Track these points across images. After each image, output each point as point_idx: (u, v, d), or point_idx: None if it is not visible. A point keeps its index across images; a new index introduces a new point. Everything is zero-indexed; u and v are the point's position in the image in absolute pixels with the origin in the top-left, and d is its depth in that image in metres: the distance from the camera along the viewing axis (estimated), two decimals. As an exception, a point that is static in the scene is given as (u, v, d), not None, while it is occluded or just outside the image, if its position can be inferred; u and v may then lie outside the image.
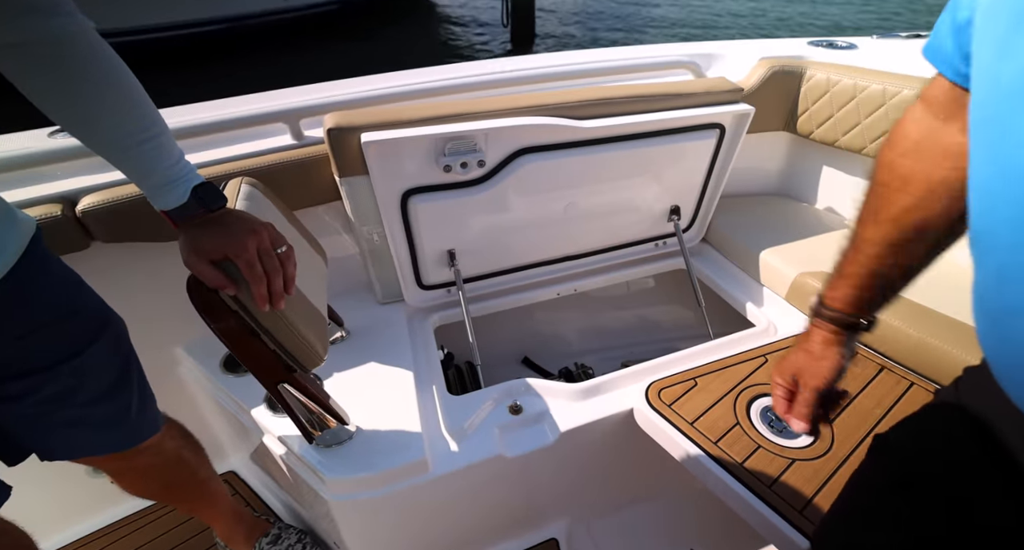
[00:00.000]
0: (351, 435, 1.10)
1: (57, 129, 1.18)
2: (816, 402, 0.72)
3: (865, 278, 0.67)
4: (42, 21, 0.59)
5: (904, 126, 0.63)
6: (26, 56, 0.61)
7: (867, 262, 0.67)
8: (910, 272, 0.66)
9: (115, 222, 1.08)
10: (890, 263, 0.65)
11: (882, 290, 0.68)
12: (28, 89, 0.63)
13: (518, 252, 1.50)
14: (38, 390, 0.78)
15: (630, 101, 1.32)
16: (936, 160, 0.60)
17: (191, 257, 0.74)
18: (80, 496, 1.45)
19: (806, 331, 0.74)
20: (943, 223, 0.61)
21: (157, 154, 0.70)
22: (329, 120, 1.13)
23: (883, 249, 0.65)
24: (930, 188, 0.60)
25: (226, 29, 8.36)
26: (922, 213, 0.61)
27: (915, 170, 0.61)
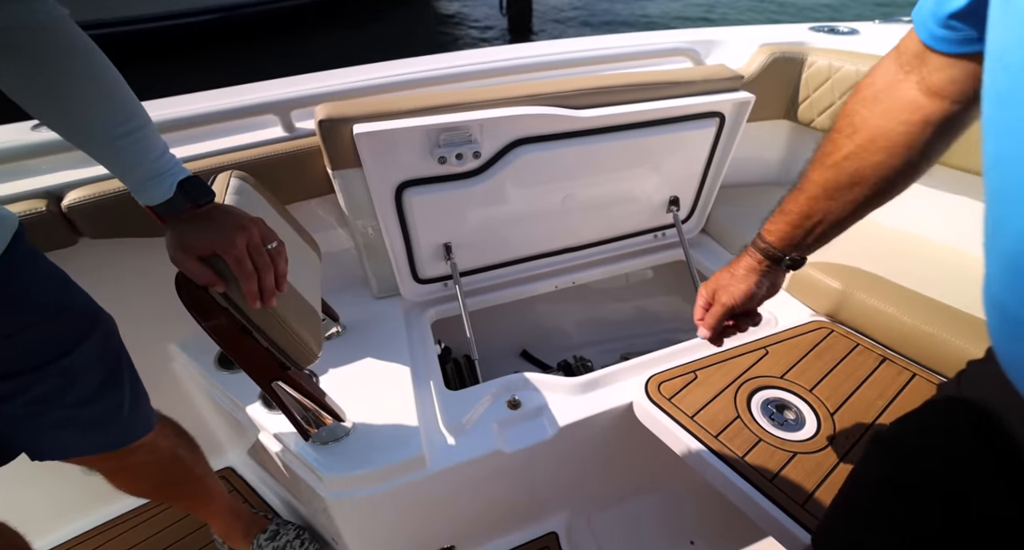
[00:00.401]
0: (347, 432, 1.08)
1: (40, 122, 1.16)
2: (723, 317, 0.81)
3: (799, 217, 0.71)
4: (12, 7, 0.57)
5: (872, 74, 0.65)
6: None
7: (805, 202, 0.70)
8: (840, 221, 0.69)
9: (102, 217, 1.06)
10: (823, 207, 0.69)
11: (812, 232, 0.72)
12: (2, 82, 0.61)
13: (515, 245, 1.48)
14: (27, 390, 0.76)
15: (628, 89, 1.29)
16: (887, 111, 0.61)
17: (178, 254, 0.71)
18: (74, 494, 1.44)
19: (739, 255, 0.81)
20: (873, 177, 0.64)
21: (140, 148, 0.68)
22: (320, 111, 1.10)
23: (820, 192, 0.68)
24: (872, 138, 0.62)
25: (219, 19, 8.24)
26: (858, 162, 0.64)
27: (866, 119, 0.63)
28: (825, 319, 1.35)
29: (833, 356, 1.24)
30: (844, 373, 1.20)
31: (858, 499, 0.69)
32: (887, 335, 1.23)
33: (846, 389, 1.16)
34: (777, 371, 1.21)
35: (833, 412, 1.11)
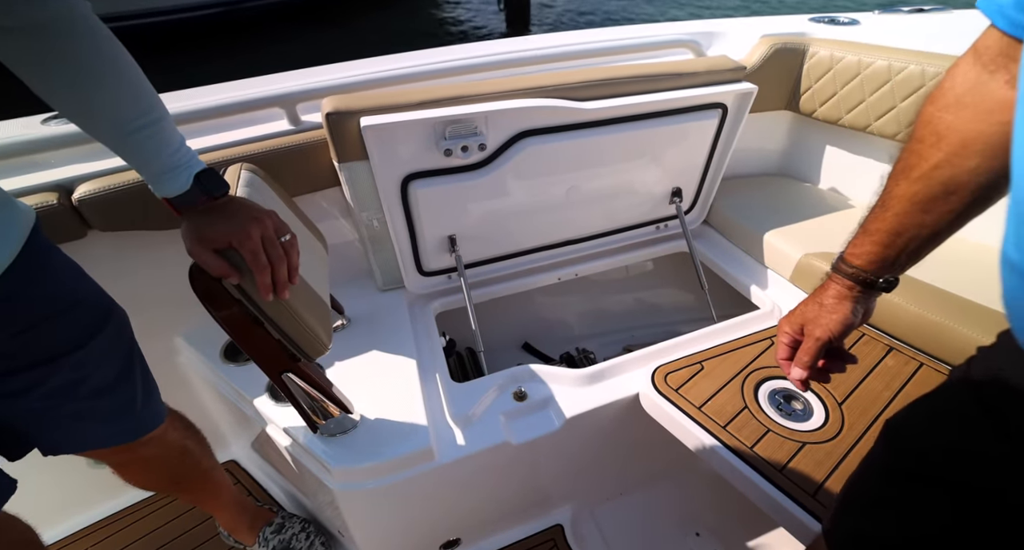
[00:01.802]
0: (355, 424, 1.07)
1: (52, 115, 1.14)
2: (819, 353, 0.71)
3: (889, 236, 0.65)
4: (39, 3, 0.55)
5: (950, 79, 0.60)
6: (22, 40, 0.57)
7: (893, 220, 0.64)
8: (936, 235, 0.63)
9: (112, 210, 1.04)
10: (916, 222, 0.63)
11: (905, 250, 0.65)
12: (24, 73, 0.60)
13: (519, 237, 1.47)
14: (42, 384, 0.75)
15: (632, 81, 1.28)
16: (977, 113, 0.56)
17: (195, 246, 0.70)
18: (80, 487, 1.43)
19: (823, 285, 0.73)
20: (972, 183, 0.58)
21: (158, 140, 0.67)
22: (327, 104, 1.09)
23: (910, 207, 0.62)
24: (964, 143, 0.57)
25: (223, 12, 8.19)
26: (951, 170, 0.58)
27: (952, 124, 0.58)
28: (829, 309, 1.34)
29: (838, 346, 1.23)
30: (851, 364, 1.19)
31: (866, 488, 0.68)
32: (893, 325, 1.23)
33: (853, 379, 1.15)
34: (782, 361, 1.20)
35: (841, 402, 1.10)
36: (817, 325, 0.71)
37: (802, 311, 0.73)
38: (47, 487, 1.35)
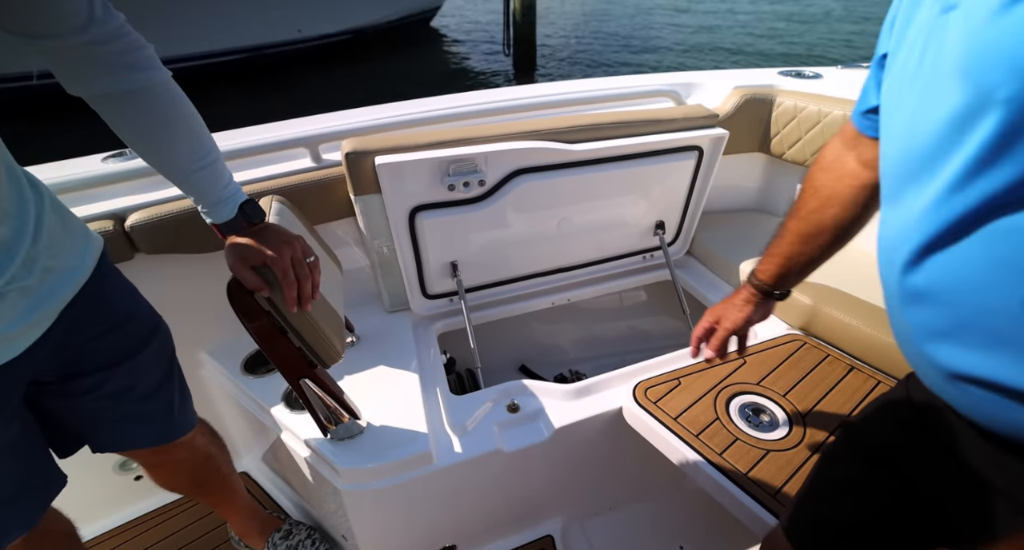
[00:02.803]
0: (362, 430, 1.17)
1: (110, 155, 1.28)
2: (725, 339, 0.98)
3: (783, 259, 0.88)
4: (135, 75, 0.69)
5: (826, 148, 0.83)
6: (117, 103, 0.71)
7: (786, 247, 0.87)
8: (812, 261, 0.86)
9: (157, 236, 1.18)
10: (799, 251, 0.86)
11: (793, 270, 0.89)
12: (115, 126, 0.74)
13: (516, 264, 1.59)
14: (101, 387, 0.86)
15: (616, 126, 1.43)
16: (838, 177, 0.79)
17: (236, 263, 0.82)
18: (99, 494, 1.51)
19: (737, 289, 0.98)
20: (832, 226, 0.81)
21: (213, 178, 0.80)
22: (347, 145, 1.23)
23: (795, 239, 0.86)
24: (828, 197, 0.80)
25: (246, 58, 8.65)
26: (820, 215, 0.82)
27: (823, 182, 0.81)
28: (799, 332, 1.45)
29: (805, 365, 1.33)
30: (815, 381, 1.28)
31: (825, 477, 0.78)
32: (854, 346, 1.33)
33: (816, 395, 1.24)
34: (754, 378, 1.29)
35: (804, 415, 1.19)
36: (727, 319, 0.97)
37: (720, 307, 0.99)
38: (71, 491, 1.43)
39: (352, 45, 10.38)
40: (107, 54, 0.67)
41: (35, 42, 0.63)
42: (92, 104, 0.71)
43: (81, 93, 0.70)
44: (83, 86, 0.69)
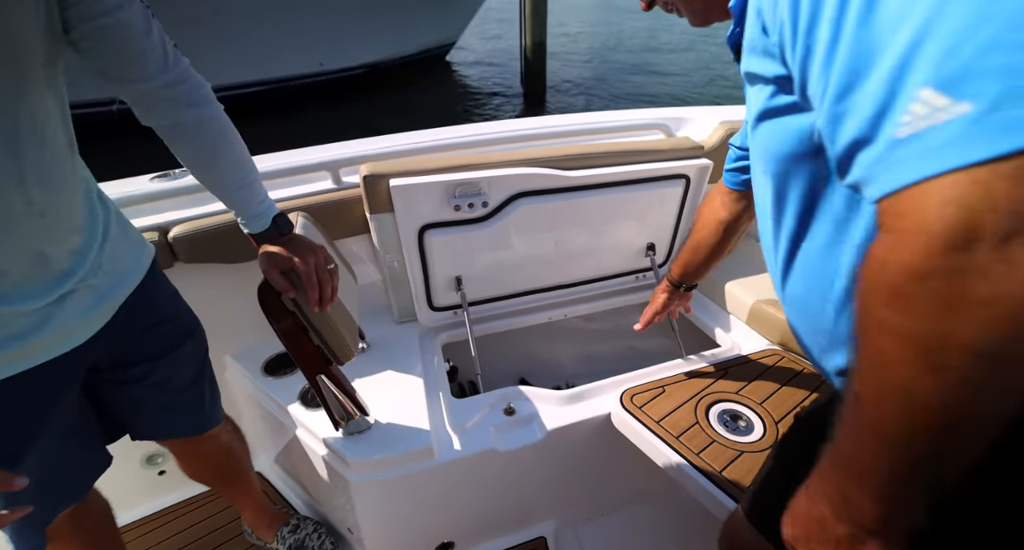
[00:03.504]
0: (370, 425, 1.27)
1: (157, 175, 1.43)
2: (651, 316, 1.43)
3: (683, 263, 1.33)
4: (192, 110, 0.83)
5: (712, 188, 1.25)
6: (179, 132, 0.85)
7: (683, 255, 1.32)
8: (700, 266, 1.30)
9: (195, 247, 1.31)
10: (689, 259, 1.30)
11: (688, 271, 1.33)
12: (176, 150, 0.87)
13: (515, 280, 1.70)
14: (146, 377, 0.98)
15: (610, 155, 1.55)
16: (711, 210, 1.22)
17: (268, 267, 0.94)
18: (126, 486, 1.60)
19: (661, 282, 1.41)
20: (706, 243, 1.25)
21: (252, 195, 0.93)
22: (364, 168, 1.36)
23: (688, 249, 1.30)
24: (704, 223, 1.24)
25: (270, 90, 9.06)
26: (699, 235, 1.26)
27: (703, 212, 1.25)
28: (778, 347, 1.53)
29: (782, 377, 1.41)
30: (791, 391, 1.37)
31: (775, 466, 0.86)
32: None
33: (791, 403, 1.33)
34: (733, 388, 1.38)
35: (778, 421, 1.27)
36: (653, 302, 1.43)
37: (652, 296, 1.44)
38: (102, 480, 1.53)
39: (371, 78, 10.80)
40: (175, 93, 0.81)
41: (123, 85, 0.78)
42: (159, 132, 0.85)
43: (152, 124, 0.83)
44: (154, 119, 0.83)
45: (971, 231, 0.33)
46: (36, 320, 0.75)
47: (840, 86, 0.40)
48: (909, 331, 0.37)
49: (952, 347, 0.35)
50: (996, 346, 0.34)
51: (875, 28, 0.37)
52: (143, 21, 0.75)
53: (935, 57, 0.34)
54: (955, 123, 0.33)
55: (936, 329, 0.35)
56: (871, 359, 0.40)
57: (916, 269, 0.35)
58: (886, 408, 0.40)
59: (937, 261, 0.34)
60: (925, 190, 0.35)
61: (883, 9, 0.36)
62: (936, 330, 0.35)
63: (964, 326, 0.34)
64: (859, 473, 0.44)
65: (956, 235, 0.33)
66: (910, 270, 0.36)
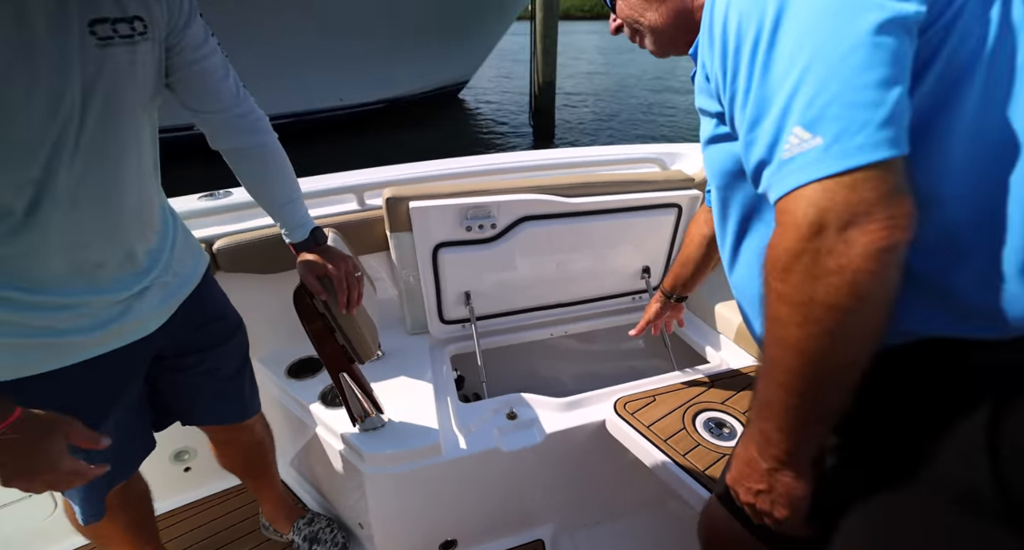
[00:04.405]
0: (384, 423, 1.37)
1: (204, 195, 1.59)
2: (645, 324, 1.57)
3: (672, 275, 1.46)
4: (254, 137, 0.99)
5: (697, 211, 1.39)
6: (240, 156, 1.00)
7: (677, 267, 1.44)
8: (688, 279, 1.43)
9: (234, 258, 1.45)
10: (680, 271, 1.44)
11: (678, 283, 1.45)
12: (237, 170, 1.03)
13: (520, 297, 1.82)
14: (199, 365, 1.10)
15: (608, 185, 1.70)
16: (696, 226, 1.36)
17: (305, 272, 1.08)
18: (154, 480, 1.70)
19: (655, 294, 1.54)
20: (692, 257, 1.38)
21: (296, 210, 1.08)
22: (387, 191, 1.51)
23: (678, 263, 1.43)
24: (691, 237, 1.37)
25: (292, 122, 9.47)
26: (686, 250, 1.39)
27: (690, 230, 1.38)
28: (763, 364, 1.63)
29: (765, 390, 1.50)
30: None
31: None
32: None
33: (772, 413, 1.42)
34: (719, 399, 1.48)
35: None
36: (647, 312, 1.57)
37: (647, 306, 1.58)
38: None
39: (388, 112, 11.25)
40: (242, 123, 0.96)
41: (202, 115, 0.93)
42: (225, 154, 1.00)
43: (220, 148, 0.99)
44: (223, 143, 0.98)
45: (822, 222, 0.48)
46: (120, 309, 0.88)
47: (750, 122, 0.55)
48: (790, 296, 0.51)
49: (816, 305, 0.50)
50: (844, 302, 0.49)
51: (769, 84, 0.53)
52: (223, 66, 0.91)
53: (802, 105, 0.49)
54: (813, 151, 0.49)
55: (806, 293, 0.50)
56: (771, 321, 0.55)
57: (792, 250, 0.50)
58: (782, 359, 0.54)
59: (804, 244, 0.50)
60: (796, 195, 0.50)
61: (773, 71, 0.52)
62: (806, 294, 0.50)
63: (822, 290, 0.49)
64: (771, 415, 0.58)
65: (813, 225, 0.49)
66: (789, 251, 0.51)
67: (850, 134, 0.47)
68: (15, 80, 0.66)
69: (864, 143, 0.47)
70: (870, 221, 0.47)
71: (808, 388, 0.54)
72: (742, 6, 0.55)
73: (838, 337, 0.51)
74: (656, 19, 0.80)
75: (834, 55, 0.48)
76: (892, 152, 0.48)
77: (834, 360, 0.52)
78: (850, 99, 0.47)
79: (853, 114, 0.47)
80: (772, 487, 0.62)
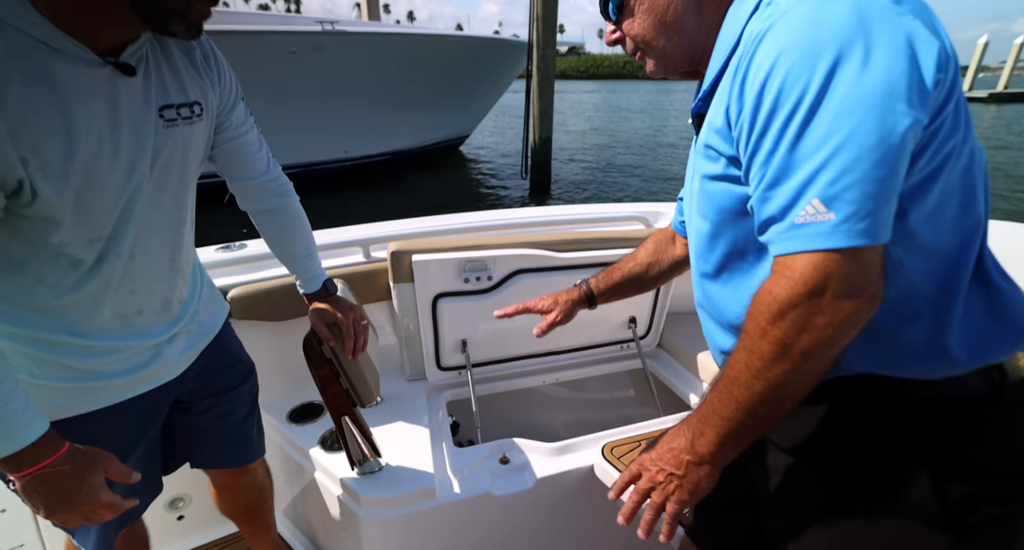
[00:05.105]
0: (382, 467, 1.43)
1: (220, 247, 1.71)
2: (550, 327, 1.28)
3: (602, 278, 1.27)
4: (280, 200, 1.12)
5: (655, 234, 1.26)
6: (266, 216, 1.12)
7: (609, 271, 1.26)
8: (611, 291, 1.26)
9: (246, 306, 1.55)
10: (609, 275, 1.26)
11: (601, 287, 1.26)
12: (262, 228, 1.15)
13: (513, 345, 1.91)
14: (213, 408, 1.17)
15: (596, 241, 1.83)
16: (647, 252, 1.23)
17: (316, 319, 1.17)
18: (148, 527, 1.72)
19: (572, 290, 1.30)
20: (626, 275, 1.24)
21: (311, 263, 1.19)
22: (393, 245, 1.64)
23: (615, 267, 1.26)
24: (636, 260, 1.24)
25: (299, 173, 9.78)
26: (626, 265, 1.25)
27: (640, 252, 1.24)
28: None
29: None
30: None
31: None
32: None
33: (753, 460, 1.48)
34: (702, 445, 1.54)
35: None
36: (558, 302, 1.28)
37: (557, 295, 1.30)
38: None
39: (390, 165, 11.66)
40: (271, 187, 1.09)
41: (235, 181, 1.06)
42: (252, 215, 1.12)
43: (249, 209, 1.11)
44: (252, 205, 1.11)
45: (824, 286, 0.59)
46: (152, 354, 0.97)
47: (770, 181, 0.63)
48: (776, 338, 0.62)
49: (795, 349, 0.61)
50: (817, 351, 0.61)
51: (797, 154, 0.60)
52: (258, 140, 1.05)
53: (825, 183, 0.58)
54: (826, 223, 0.58)
55: (790, 338, 0.61)
56: (747, 351, 0.65)
57: (789, 301, 0.61)
58: (748, 382, 0.65)
59: (801, 299, 0.60)
60: (803, 256, 0.60)
61: (804, 142, 0.59)
62: (790, 338, 0.61)
63: (805, 338, 0.61)
64: (717, 422, 0.69)
65: (815, 287, 0.59)
66: (785, 302, 0.61)
67: (858, 218, 0.57)
68: (103, 156, 0.78)
69: (866, 229, 0.57)
70: (861, 294, 0.59)
71: (759, 410, 0.65)
72: (788, 70, 0.59)
73: (803, 375, 0.63)
74: (668, 46, 0.80)
75: (863, 146, 0.56)
76: (884, 239, 0.59)
77: (789, 391, 0.64)
78: (865, 190, 0.57)
79: (864, 202, 0.57)
80: (686, 474, 0.73)
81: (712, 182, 0.76)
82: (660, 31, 0.79)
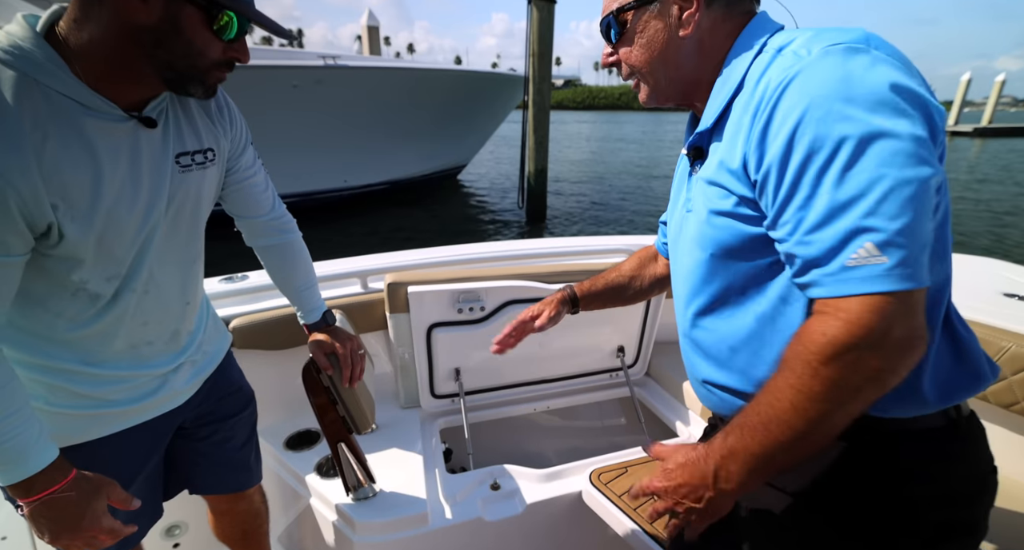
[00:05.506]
0: (376, 493, 1.47)
1: (223, 278, 1.78)
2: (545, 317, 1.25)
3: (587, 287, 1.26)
4: (283, 236, 1.20)
5: (638, 253, 1.28)
6: (271, 251, 1.20)
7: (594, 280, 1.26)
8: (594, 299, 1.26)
9: (247, 335, 1.61)
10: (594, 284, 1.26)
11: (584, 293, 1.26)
12: (266, 262, 1.22)
13: (505, 373, 1.97)
14: (214, 435, 1.22)
15: (584, 273, 1.91)
16: (632, 267, 1.25)
17: (315, 349, 1.24)
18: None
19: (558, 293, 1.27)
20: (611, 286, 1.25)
21: (312, 295, 1.26)
22: (390, 277, 1.72)
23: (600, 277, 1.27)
24: (621, 272, 1.26)
25: (299, 202, 9.95)
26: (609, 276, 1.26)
27: (625, 266, 1.27)
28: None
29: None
30: None
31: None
32: None
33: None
34: (687, 471, 1.59)
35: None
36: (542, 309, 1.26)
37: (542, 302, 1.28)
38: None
39: (390, 193, 11.86)
40: (275, 225, 1.18)
41: (242, 219, 1.15)
42: (257, 250, 1.20)
43: (254, 244, 1.19)
44: (257, 241, 1.19)
45: (884, 329, 0.60)
46: (159, 383, 1.03)
47: (812, 225, 0.63)
48: (828, 378, 0.62)
49: (846, 389, 0.62)
50: (868, 391, 0.63)
51: (839, 198, 0.61)
52: (264, 181, 1.14)
53: (875, 227, 0.59)
54: (880, 267, 0.59)
55: (843, 379, 0.62)
56: (792, 390, 0.64)
57: (844, 344, 0.61)
58: (791, 421, 0.65)
59: (858, 341, 0.60)
60: (861, 299, 0.61)
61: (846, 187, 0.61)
62: (843, 379, 0.62)
63: (857, 379, 0.62)
64: (745, 458, 0.69)
65: (875, 329, 0.60)
66: (842, 343, 0.61)
67: (908, 262, 0.59)
68: (123, 201, 0.86)
69: (915, 273, 0.59)
70: (915, 335, 0.61)
71: (797, 447, 0.65)
72: (822, 118, 0.61)
73: (847, 415, 0.64)
74: (662, 80, 0.82)
75: (908, 193, 0.58)
76: (927, 283, 0.61)
77: (829, 429, 0.65)
78: (913, 235, 0.59)
79: (912, 247, 0.59)
80: (706, 508, 0.73)
81: (719, 217, 0.76)
82: (656, 65, 0.81)
